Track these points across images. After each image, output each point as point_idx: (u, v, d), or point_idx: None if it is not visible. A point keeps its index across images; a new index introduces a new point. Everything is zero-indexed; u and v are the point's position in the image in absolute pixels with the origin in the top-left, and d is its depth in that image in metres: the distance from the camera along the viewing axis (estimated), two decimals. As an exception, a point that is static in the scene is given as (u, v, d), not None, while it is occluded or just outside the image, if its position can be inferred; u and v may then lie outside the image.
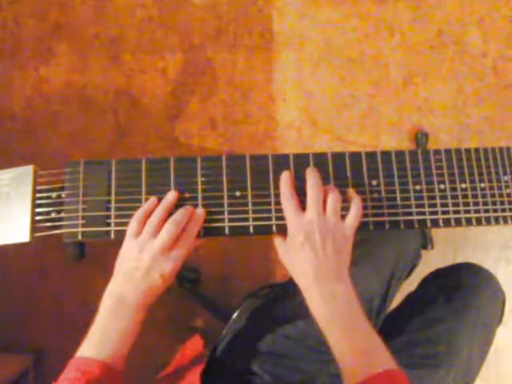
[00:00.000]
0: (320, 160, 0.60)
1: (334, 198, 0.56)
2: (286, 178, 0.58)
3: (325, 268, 0.54)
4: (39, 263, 1.19)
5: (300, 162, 0.59)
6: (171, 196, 0.57)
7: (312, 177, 0.57)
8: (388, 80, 1.26)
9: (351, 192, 0.58)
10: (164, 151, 1.23)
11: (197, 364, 0.63)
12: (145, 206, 0.56)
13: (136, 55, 1.26)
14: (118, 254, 0.56)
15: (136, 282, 0.54)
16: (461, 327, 0.68)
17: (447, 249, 1.21)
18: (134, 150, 1.23)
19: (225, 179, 0.58)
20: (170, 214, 0.56)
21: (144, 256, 0.54)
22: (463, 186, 0.61)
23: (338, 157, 0.60)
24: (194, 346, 0.69)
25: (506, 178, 0.62)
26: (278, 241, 0.59)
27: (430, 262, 0.92)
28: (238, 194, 0.58)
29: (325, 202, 0.56)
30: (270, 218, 0.58)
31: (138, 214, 0.56)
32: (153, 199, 0.57)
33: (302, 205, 0.57)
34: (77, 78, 1.25)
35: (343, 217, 0.56)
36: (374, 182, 0.59)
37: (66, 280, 1.19)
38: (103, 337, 0.52)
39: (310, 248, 0.54)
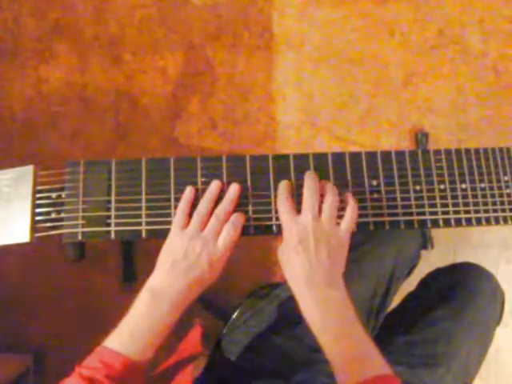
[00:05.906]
0: (320, 160, 0.59)
1: (329, 201, 0.55)
2: (284, 184, 0.58)
3: (317, 273, 0.53)
4: (39, 263, 1.19)
5: (300, 162, 0.59)
6: (215, 186, 0.57)
7: (309, 180, 0.57)
8: (388, 80, 1.26)
9: (348, 196, 0.57)
10: (164, 151, 1.23)
11: (191, 361, 0.63)
12: (186, 198, 0.56)
13: (136, 55, 1.26)
14: (163, 248, 0.55)
15: (182, 275, 0.53)
16: (460, 327, 0.68)
17: (447, 249, 1.21)
18: (134, 150, 1.23)
19: (225, 179, 0.58)
20: (215, 203, 0.56)
21: (194, 245, 0.54)
22: (463, 186, 0.61)
23: (338, 157, 0.60)
24: (194, 339, 0.69)
25: (506, 178, 0.62)
26: (279, 245, 0.58)
27: (430, 261, 0.92)
28: (238, 194, 0.58)
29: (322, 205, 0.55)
30: (270, 219, 0.58)
31: (182, 206, 0.56)
32: (189, 189, 0.57)
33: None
34: (77, 78, 1.25)
35: (340, 218, 0.56)
36: (374, 182, 0.59)
37: (65, 280, 1.19)
38: (133, 333, 0.51)
39: (303, 252, 0.53)
